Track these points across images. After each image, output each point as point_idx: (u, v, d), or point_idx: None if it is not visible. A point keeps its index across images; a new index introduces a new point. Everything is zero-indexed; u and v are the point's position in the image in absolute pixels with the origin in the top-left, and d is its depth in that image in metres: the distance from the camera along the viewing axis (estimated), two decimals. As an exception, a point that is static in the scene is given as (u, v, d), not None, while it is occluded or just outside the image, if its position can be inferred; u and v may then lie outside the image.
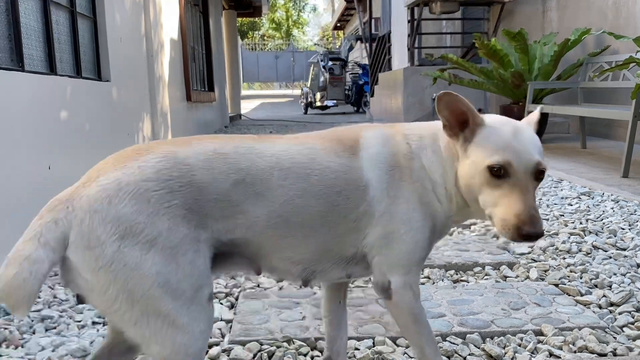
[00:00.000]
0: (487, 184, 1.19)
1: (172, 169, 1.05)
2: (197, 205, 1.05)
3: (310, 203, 1.17)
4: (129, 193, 1.00)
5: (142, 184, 1.01)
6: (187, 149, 1.11)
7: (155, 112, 5.43)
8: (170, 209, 1.02)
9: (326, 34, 43.62)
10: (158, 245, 0.99)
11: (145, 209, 1.00)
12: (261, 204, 1.13)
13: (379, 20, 16.23)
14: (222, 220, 1.10)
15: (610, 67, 5.24)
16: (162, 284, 0.99)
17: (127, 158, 1.07)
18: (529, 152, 1.18)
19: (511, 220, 1.15)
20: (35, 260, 0.96)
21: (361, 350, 1.68)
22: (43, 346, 1.75)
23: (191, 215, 1.04)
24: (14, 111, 2.72)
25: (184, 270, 1.02)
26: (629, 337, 1.75)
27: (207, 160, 1.09)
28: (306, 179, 1.17)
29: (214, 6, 10.49)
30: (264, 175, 1.13)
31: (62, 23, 3.70)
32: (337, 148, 1.24)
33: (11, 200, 2.64)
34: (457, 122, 1.23)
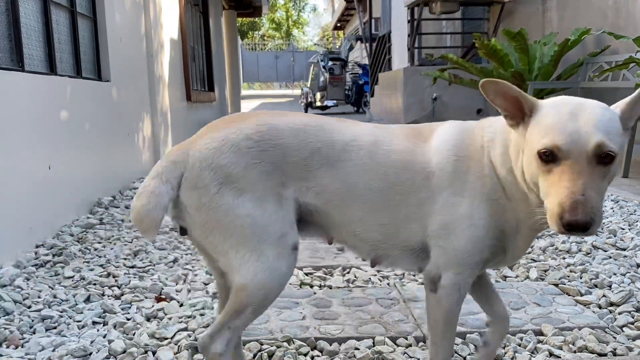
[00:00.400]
0: (541, 173, 1.10)
1: (266, 133, 1.22)
2: (281, 164, 1.22)
3: (373, 179, 1.25)
4: (230, 148, 1.19)
5: (241, 142, 1.20)
6: (282, 118, 1.27)
7: (155, 112, 5.43)
8: (260, 164, 1.19)
9: (326, 34, 43.62)
10: (248, 192, 1.17)
11: (241, 162, 1.18)
12: (330, 173, 1.24)
13: (379, 20, 16.23)
14: (299, 181, 1.24)
15: (610, 67, 5.24)
16: (250, 224, 1.18)
17: (233, 120, 1.26)
18: (585, 132, 1.06)
19: (554, 209, 1.05)
20: (159, 194, 1.17)
21: (361, 350, 1.68)
22: (43, 346, 1.75)
23: (275, 172, 1.21)
24: (14, 111, 2.73)
25: (269, 216, 1.19)
26: (628, 337, 1.75)
27: (295, 129, 1.25)
28: (371, 157, 1.25)
29: (214, 6, 10.49)
30: (337, 149, 1.25)
31: (62, 23, 3.70)
32: (410, 134, 1.30)
33: (11, 200, 2.64)
34: (515, 109, 1.16)
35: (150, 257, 2.65)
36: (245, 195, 1.18)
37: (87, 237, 3.01)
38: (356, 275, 2.34)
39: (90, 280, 2.33)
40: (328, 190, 1.25)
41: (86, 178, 3.61)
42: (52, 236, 2.99)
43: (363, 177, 1.25)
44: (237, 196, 1.17)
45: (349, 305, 2.00)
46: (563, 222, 1.02)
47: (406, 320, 1.88)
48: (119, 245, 2.85)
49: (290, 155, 1.23)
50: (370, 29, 16.04)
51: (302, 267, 2.44)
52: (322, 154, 1.25)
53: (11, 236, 2.60)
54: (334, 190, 1.25)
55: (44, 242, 2.86)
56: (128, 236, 3.03)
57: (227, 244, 1.19)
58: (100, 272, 2.44)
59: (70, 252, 2.69)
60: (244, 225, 1.18)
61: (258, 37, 43.88)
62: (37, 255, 2.67)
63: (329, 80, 16.83)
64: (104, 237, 3.01)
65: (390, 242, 1.29)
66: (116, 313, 2.02)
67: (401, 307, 1.99)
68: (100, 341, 1.78)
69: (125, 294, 2.20)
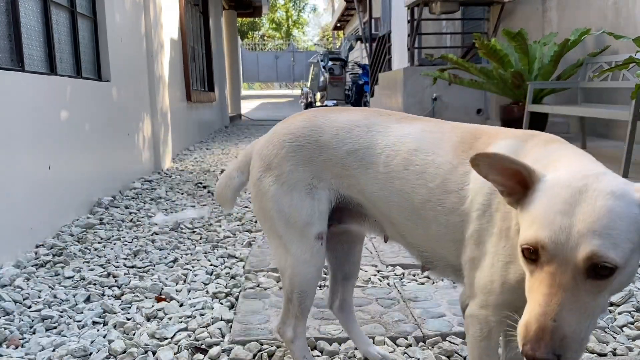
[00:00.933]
0: (526, 272, 0.91)
1: (307, 129, 1.30)
2: (315, 160, 1.28)
3: (407, 189, 1.20)
4: (275, 140, 1.31)
5: (283, 136, 1.31)
6: (331, 115, 1.33)
7: (155, 112, 5.43)
8: (294, 157, 1.28)
9: (326, 34, 43.61)
10: (281, 180, 1.28)
11: (279, 154, 1.29)
12: (366, 175, 1.25)
13: (379, 20, 16.23)
14: (338, 177, 1.28)
15: (610, 67, 5.23)
16: (278, 210, 1.29)
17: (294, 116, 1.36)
18: (576, 233, 0.82)
19: (520, 327, 0.86)
20: (230, 177, 1.44)
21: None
22: (43, 346, 1.75)
23: (310, 166, 1.28)
24: (14, 111, 2.73)
25: (296, 204, 1.27)
26: (628, 337, 1.75)
27: (337, 128, 1.29)
28: (406, 166, 1.20)
29: (214, 6, 10.49)
30: (375, 152, 1.25)
31: (62, 23, 3.70)
32: (463, 146, 1.16)
33: (11, 200, 2.64)
34: (515, 182, 0.95)
35: (150, 257, 2.65)
36: (278, 184, 1.29)
37: (87, 237, 3.01)
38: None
39: (90, 280, 2.33)
40: (367, 190, 1.26)
41: (86, 178, 3.61)
42: (52, 236, 2.99)
43: (397, 185, 1.21)
44: (272, 183, 1.29)
45: (349, 305, 2.00)
46: (522, 350, 0.84)
47: (406, 320, 1.89)
48: (119, 245, 2.85)
49: (326, 152, 1.28)
50: (370, 29, 16.04)
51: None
52: (359, 155, 1.26)
53: (11, 236, 2.61)
54: (373, 191, 1.26)
55: (44, 242, 2.86)
56: (128, 236, 3.03)
57: (266, 226, 1.34)
58: (100, 272, 2.44)
59: (70, 252, 2.70)
60: (273, 210, 1.29)
61: (258, 37, 43.88)
62: (37, 255, 2.67)
63: (329, 80, 16.85)
64: (104, 237, 3.01)
65: (432, 252, 1.24)
66: (116, 313, 2.02)
67: (401, 307, 1.99)
68: (100, 341, 1.78)
69: (125, 294, 2.20)
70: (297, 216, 1.28)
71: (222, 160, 6.20)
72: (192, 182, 4.71)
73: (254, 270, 2.42)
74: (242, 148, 7.37)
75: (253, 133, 9.75)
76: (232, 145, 7.77)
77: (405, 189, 1.20)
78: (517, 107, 7.03)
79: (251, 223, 3.30)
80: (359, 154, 1.26)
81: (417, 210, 1.19)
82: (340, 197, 1.31)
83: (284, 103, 22.60)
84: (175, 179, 4.91)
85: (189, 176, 5.09)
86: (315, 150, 1.28)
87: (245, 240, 2.92)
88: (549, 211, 0.86)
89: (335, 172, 1.28)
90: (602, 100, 6.37)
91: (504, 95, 7.37)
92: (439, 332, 1.78)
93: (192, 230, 3.16)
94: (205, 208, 3.65)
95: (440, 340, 1.74)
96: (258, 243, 2.86)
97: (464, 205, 1.12)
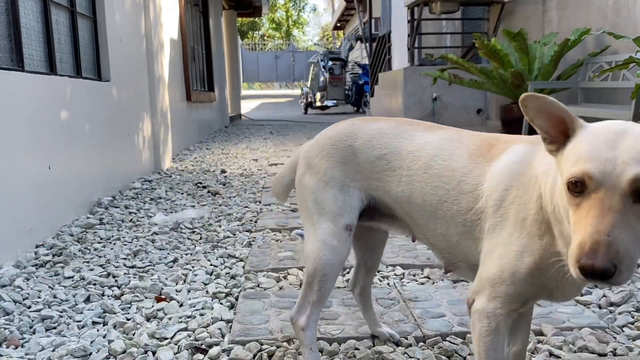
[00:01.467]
0: (570, 207, 0.97)
1: (343, 135, 1.45)
2: (351, 162, 1.43)
3: (426, 192, 1.32)
4: (317, 144, 1.49)
5: (324, 141, 1.48)
6: (364, 123, 1.47)
7: (155, 112, 5.43)
8: (332, 158, 1.44)
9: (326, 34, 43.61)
10: (319, 178, 1.44)
11: (319, 155, 1.46)
12: (392, 178, 1.38)
13: (379, 20, 16.23)
14: (368, 179, 1.42)
15: (610, 67, 5.23)
16: (314, 201, 1.44)
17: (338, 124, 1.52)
18: (621, 162, 0.91)
19: (573, 250, 0.91)
20: (282, 176, 1.64)
21: (361, 350, 1.68)
22: (43, 346, 1.75)
23: (345, 167, 1.43)
24: (14, 111, 2.73)
25: (329, 198, 1.42)
26: (628, 337, 1.75)
27: (369, 134, 1.43)
28: (426, 170, 1.32)
29: (214, 6, 10.49)
30: (400, 157, 1.37)
31: (62, 23, 3.70)
32: (479, 152, 1.27)
33: (11, 200, 2.64)
34: (557, 131, 1.02)
35: (150, 257, 2.65)
36: (317, 180, 1.44)
37: (87, 237, 3.01)
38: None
39: (90, 280, 2.33)
40: (392, 192, 1.38)
41: (86, 178, 3.61)
42: (52, 236, 2.99)
43: (417, 187, 1.33)
44: (312, 179, 1.45)
45: (349, 305, 2.00)
46: (578, 266, 0.89)
47: (406, 320, 1.88)
48: (118, 245, 2.85)
49: (359, 156, 1.42)
50: (370, 29, 16.03)
51: (302, 267, 2.44)
52: (387, 159, 1.39)
53: (11, 236, 2.61)
54: (397, 193, 1.37)
55: (44, 242, 2.86)
56: (128, 236, 3.03)
57: (304, 215, 1.48)
58: (100, 272, 2.44)
59: (70, 252, 2.69)
60: (310, 201, 1.45)
61: (258, 37, 43.87)
62: (37, 255, 2.67)
63: (329, 80, 16.83)
64: (103, 237, 3.01)
65: (453, 254, 1.31)
66: (116, 313, 2.02)
67: (401, 307, 1.99)
68: (100, 341, 1.78)
69: (125, 294, 2.20)
70: (330, 207, 1.42)
71: (222, 160, 6.20)
72: (192, 182, 4.71)
73: (254, 270, 2.42)
74: (242, 148, 7.38)
75: (253, 133, 9.75)
76: (232, 145, 7.77)
77: (425, 191, 1.31)
78: (517, 107, 7.00)
79: (251, 223, 3.30)
80: (387, 158, 1.39)
81: (436, 211, 1.30)
82: (371, 198, 1.45)
83: (284, 103, 22.60)
84: (175, 179, 4.91)
85: (189, 176, 5.09)
86: (351, 154, 1.43)
87: (245, 240, 2.92)
88: (593, 148, 0.95)
89: (366, 175, 1.42)
90: (602, 100, 6.37)
91: (504, 95, 7.36)
92: (439, 332, 1.78)
93: (192, 230, 3.16)
94: (205, 208, 3.65)
95: (440, 340, 1.74)
96: (258, 243, 2.85)
97: (478, 204, 1.21)
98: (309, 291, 1.46)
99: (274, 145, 7.67)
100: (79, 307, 2.08)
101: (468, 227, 1.24)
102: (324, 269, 1.41)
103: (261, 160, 6.14)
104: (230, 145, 7.77)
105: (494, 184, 1.19)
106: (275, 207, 3.68)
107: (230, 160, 6.25)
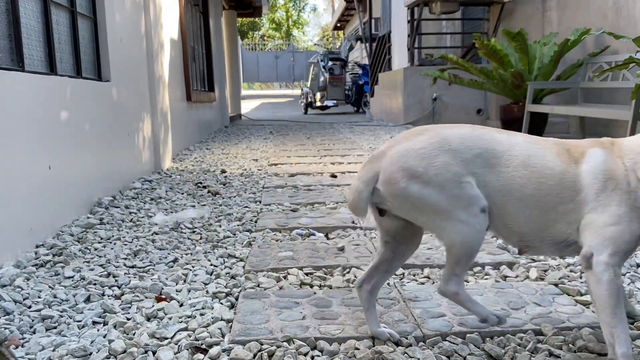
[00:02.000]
0: None
1: (436, 141, 1.58)
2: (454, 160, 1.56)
3: (526, 186, 1.55)
4: (413, 154, 1.58)
5: (418, 151, 1.58)
6: (449, 130, 1.63)
7: (155, 112, 5.43)
8: (436, 163, 1.56)
9: (326, 34, 43.60)
10: (431, 183, 1.55)
11: (422, 163, 1.56)
12: (491, 173, 1.57)
13: (379, 20, 16.23)
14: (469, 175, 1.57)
15: (610, 67, 5.24)
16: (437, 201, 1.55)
17: (412, 135, 1.64)
18: None
19: None
20: (358, 191, 1.62)
21: (361, 350, 1.68)
22: (43, 346, 1.75)
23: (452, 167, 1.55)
24: (14, 111, 2.73)
25: (455, 194, 1.54)
26: (628, 337, 1.75)
27: (459, 137, 1.60)
28: (525, 167, 1.56)
29: (214, 6, 10.49)
30: (496, 155, 1.58)
31: (62, 23, 3.70)
32: (563, 154, 1.58)
33: (11, 200, 2.64)
34: None
35: (150, 257, 2.65)
36: (429, 185, 1.55)
37: (87, 237, 3.01)
38: (356, 275, 2.34)
39: (91, 280, 2.33)
40: (489, 186, 1.57)
41: (86, 178, 3.62)
42: (52, 236, 2.99)
43: (517, 181, 1.56)
44: (424, 187, 1.55)
45: (349, 305, 2.01)
46: None
47: (406, 320, 1.89)
48: (119, 245, 2.85)
49: (459, 157, 1.57)
50: (370, 29, 16.04)
51: (302, 267, 2.44)
52: (484, 157, 1.58)
53: (11, 236, 2.61)
54: (493, 187, 1.57)
55: (44, 242, 2.86)
56: (128, 236, 3.03)
57: (424, 217, 1.60)
58: (100, 272, 2.44)
59: (70, 252, 2.70)
60: (433, 203, 1.55)
61: (258, 37, 43.88)
62: (37, 255, 2.67)
63: (329, 80, 16.82)
64: (104, 237, 3.01)
65: (536, 236, 1.59)
66: (116, 313, 2.02)
67: (401, 307, 2.00)
68: (101, 341, 1.78)
69: (126, 293, 2.20)
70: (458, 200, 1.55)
71: (222, 160, 6.20)
72: (192, 182, 4.71)
73: (254, 270, 2.42)
74: (243, 148, 7.38)
75: (253, 133, 9.75)
76: (232, 145, 7.77)
77: (527, 185, 1.55)
78: (517, 107, 7.03)
79: (251, 223, 3.30)
80: (484, 156, 1.58)
81: (537, 203, 1.55)
82: None
83: (284, 103, 22.61)
84: (175, 179, 4.92)
85: (189, 176, 5.09)
86: (451, 157, 1.57)
87: (245, 240, 2.93)
88: None
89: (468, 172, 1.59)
90: (602, 100, 6.37)
91: (504, 95, 7.37)
92: (439, 332, 1.78)
93: (192, 230, 3.16)
94: (206, 208, 3.65)
95: (440, 340, 1.74)
96: (258, 243, 2.86)
97: (579, 196, 1.53)
98: (457, 267, 1.60)
99: (274, 145, 7.67)
100: (79, 307, 2.08)
101: (566, 215, 1.54)
102: (471, 249, 1.58)
103: (261, 160, 6.14)
104: (230, 145, 7.78)
105: (591, 179, 1.52)
106: (275, 207, 3.68)
107: (230, 160, 6.25)
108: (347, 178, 4.74)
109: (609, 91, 6.19)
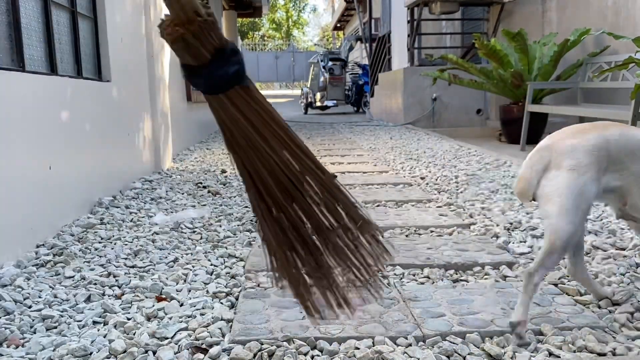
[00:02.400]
0: None
1: (599, 142, 1.78)
2: (604, 162, 1.77)
3: None
4: (580, 149, 1.76)
5: (585, 146, 1.76)
6: (608, 131, 1.82)
7: (155, 112, 5.43)
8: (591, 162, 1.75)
9: (326, 34, 43.62)
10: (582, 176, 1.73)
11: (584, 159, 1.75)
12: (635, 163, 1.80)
13: (379, 20, 16.24)
14: (613, 172, 1.79)
15: (610, 67, 5.24)
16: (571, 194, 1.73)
17: (580, 131, 1.83)
18: None
19: None
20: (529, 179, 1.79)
21: (361, 350, 1.68)
22: (44, 346, 1.75)
23: (598, 167, 1.76)
24: (14, 111, 2.73)
25: (582, 191, 1.74)
26: (628, 337, 1.75)
27: (615, 139, 1.80)
28: None
29: (214, 6, 10.49)
30: None
31: (63, 23, 3.70)
32: None
33: (12, 200, 2.64)
34: None
35: (150, 257, 2.65)
36: (579, 177, 1.73)
37: (87, 237, 3.01)
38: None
39: (91, 280, 2.33)
40: (632, 173, 1.79)
41: (86, 178, 3.62)
42: (53, 236, 2.99)
43: None
44: (575, 177, 1.74)
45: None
46: None
47: (406, 320, 1.89)
48: (119, 245, 2.85)
49: (611, 156, 1.78)
50: (370, 29, 16.04)
51: (302, 267, 2.44)
52: (636, 155, 1.79)
53: (12, 236, 2.61)
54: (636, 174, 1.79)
55: (44, 242, 2.86)
56: (128, 236, 3.04)
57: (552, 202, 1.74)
58: (100, 272, 2.45)
59: (70, 252, 2.70)
60: (569, 195, 1.72)
61: (258, 37, 43.89)
62: (37, 255, 2.68)
63: (329, 80, 16.83)
64: (104, 237, 3.01)
65: None
66: (116, 313, 2.02)
67: (401, 306, 2.00)
68: (101, 341, 1.78)
69: (126, 293, 2.21)
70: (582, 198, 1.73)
71: (222, 160, 6.20)
72: (192, 182, 4.71)
73: (254, 270, 2.43)
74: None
75: (253, 133, 9.73)
76: (232, 146, 7.76)
77: None
78: (517, 107, 7.03)
79: (251, 223, 3.30)
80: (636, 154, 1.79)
81: None
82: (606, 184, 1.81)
83: (284, 103, 22.60)
84: (176, 179, 4.92)
85: (189, 176, 5.09)
86: (606, 156, 1.78)
87: (245, 240, 2.93)
88: None
89: (614, 169, 1.79)
90: (601, 100, 6.37)
91: (504, 95, 7.37)
92: (439, 332, 1.78)
93: (193, 230, 3.16)
94: (206, 208, 3.66)
95: (440, 340, 1.74)
96: (258, 242, 2.86)
97: None
98: (548, 258, 1.74)
99: (274, 145, 7.66)
100: (79, 306, 2.08)
101: None
102: (567, 243, 1.75)
103: (261, 160, 6.14)
104: (230, 146, 7.77)
105: None
106: (275, 207, 3.68)
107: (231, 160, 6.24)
108: (347, 178, 4.74)
109: (608, 91, 6.19)
